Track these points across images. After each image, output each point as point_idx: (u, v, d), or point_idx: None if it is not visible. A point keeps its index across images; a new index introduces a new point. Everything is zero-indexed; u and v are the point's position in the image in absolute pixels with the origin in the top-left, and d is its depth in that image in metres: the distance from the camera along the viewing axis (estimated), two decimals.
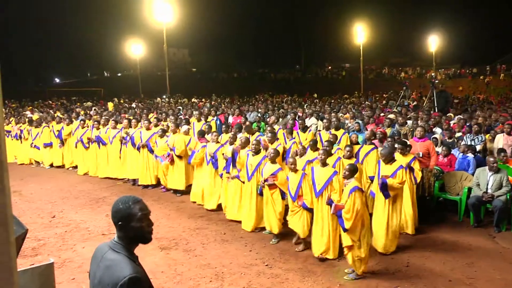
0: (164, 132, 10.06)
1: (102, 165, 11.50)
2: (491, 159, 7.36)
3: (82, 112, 16.86)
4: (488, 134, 9.53)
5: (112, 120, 11.77)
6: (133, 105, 22.21)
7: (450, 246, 6.54)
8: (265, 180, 6.68)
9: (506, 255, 6.13)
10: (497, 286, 5.21)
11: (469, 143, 9.10)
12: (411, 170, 6.73)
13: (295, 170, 6.36)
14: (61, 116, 14.39)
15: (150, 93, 33.24)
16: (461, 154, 8.46)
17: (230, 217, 7.75)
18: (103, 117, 12.60)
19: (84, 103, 24.37)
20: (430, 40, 42.10)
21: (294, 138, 9.09)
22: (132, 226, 2.28)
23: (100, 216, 8.13)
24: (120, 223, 2.28)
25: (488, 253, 6.24)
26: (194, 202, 8.91)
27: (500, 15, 51.50)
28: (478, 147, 8.99)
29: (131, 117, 12.14)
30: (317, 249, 6.02)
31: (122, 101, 26.30)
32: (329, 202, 5.66)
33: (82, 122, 12.37)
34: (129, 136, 10.50)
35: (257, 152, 7.32)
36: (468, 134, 9.56)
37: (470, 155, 8.32)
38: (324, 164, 6.13)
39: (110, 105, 22.11)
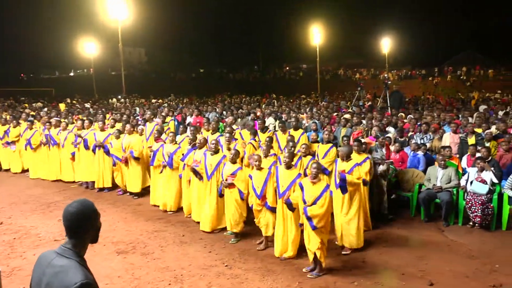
0: (120, 133, 9.80)
1: (53, 168, 11.04)
2: (440, 156, 7.81)
3: (32, 113, 16.08)
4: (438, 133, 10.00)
5: (64, 121, 11.32)
6: (87, 105, 21.48)
7: (403, 241, 6.82)
8: (226, 180, 6.70)
9: (454, 248, 6.46)
10: (447, 277, 5.48)
11: (419, 141, 9.52)
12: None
13: (260, 168, 6.41)
14: (6, 117, 13.62)
15: (105, 93, 32.25)
16: (412, 152, 8.86)
17: (196, 218, 7.66)
18: (54, 118, 12.08)
19: (34, 104, 23.24)
20: (383, 42, 43.51)
21: (255, 139, 9.10)
22: (97, 226, 2.31)
23: (52, 222, 7.80)
24: (90, 227, 2.26)
25: (438, 246, 6.55)
26: (155, 206, 8.74)
27: (446, 20, 54.45)
28: (428, 145, 9.42)
29: (85, 118, 11.73)
30: (278, 249, 6.09)
31: (75, 101, 25.34)
32: (288, 202, 5.76)
33: (30, 123, 11.79)
34: (80, 138, 10.13)
35: (216, 151, 7.30)
36: (419, 133, 9.99)
37: (420, 153, 8.73)
38: (288, 166, 6.15)
39: (62, 106, 21.24)
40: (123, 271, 5.70)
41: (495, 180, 7.21)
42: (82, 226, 2.23)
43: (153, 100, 25.48)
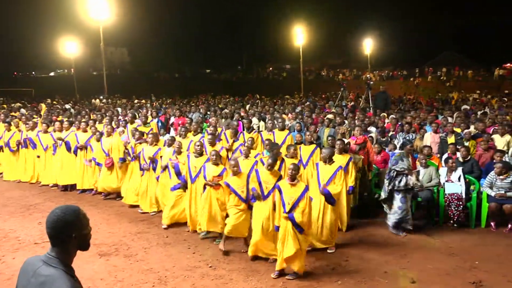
0: (101, 135, 9.68)
1: (30, 170, 10.84)
2: (421, 156, 7.95)
3: (13, 114, 15.74)
4: (419, 133, 10.16)
5: (43, 122, 11.11)
6: (68, 106, 21.13)
7: (385, 240, 6.90)
8: (210, 181, 6.66)
9: (436, 246, 6.58)
10: (428, 274, 5.57)
11: (401, 141, 9.66)
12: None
13: (237, 173, 6.34)
14: None
15: (86, 93, 31.79)
16: (391, 152, 9.00)
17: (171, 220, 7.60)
18: (33, 120, 11.85)
19: (13, 104, 22.74)
20: (365, 43, 44.02)
21: (238, 139, 9.10)
22: (82, 235, 2.22)
23: (32, 224, 7.65)
24: (73, 235, 2.17)
25: (420, 244, 6.65)
26: (133, 206, 8.67)
27: (426, 22, 55.44)
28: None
29: (65, 119, 11.54)
30: (252, 249, 6.05)
31: (55, 102, 24.91)
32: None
33: (7, 125, 11.53)
34: (61, 140, 9.96)
35: (200, 154, 7.24)
36: (401, 133, 10.14)
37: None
38: (271, 168, 6.09)
39: (43, 107, 20.84)
40: (105, 274, 5.63)
41: (461, 178, 7.40)
42: (64, 233, 2.15)
43: (135, 101, 25.22)
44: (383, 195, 7.10)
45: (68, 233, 2.16)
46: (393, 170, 6.97)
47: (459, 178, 7.45)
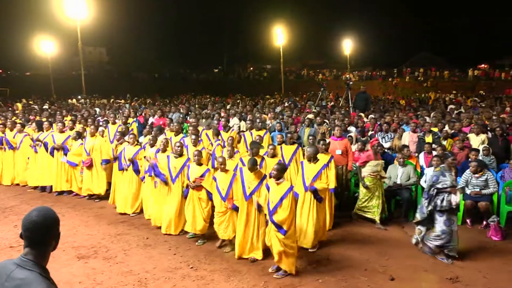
0: (79, 135, 9.51)
1: (8, 172, 10.57)
2: (399, 155, 8.08)
3: None
4: (397, 132, 10.32)
5: (19, 123, 10.85)
6: (45, 106, 20.68)
7: (365, 238, 6.99)
8: (193, 182, 6.63)
9: (413, 243, 6.68)
10: (407, 271, 5.67)
11: (380, 141, 9.79)
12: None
13: (225, 170, 6.37)
14: None
15: (64, 93, 31.19)
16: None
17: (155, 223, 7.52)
18: (9, 120, 11.55)
19: None
20: (344, 43, 44.49)
21: (219, 140, 9.08)
22: (58, 235, 2.23)
23: (7, 227, 7.46)
24: (48, 236, 2.15)
25: (399, 242, 6.76)
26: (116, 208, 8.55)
27: (404, 24, 56.57)
28: (387, 144, 9.72)
29: (44, 119, 11.30)
30: (239, 251, 6.07)
31: (31, 102, 24.35)
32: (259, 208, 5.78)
33: None
34: (38, 141, 9.74)
35: (180, 154, 7.19)
36: (380, 132, 10.28)
37: None
38: (251, 170, 6.06)
39: (19, 106, 20.34)
40: (84, 277, 5.54)
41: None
42: (45, 236, 2.13)
43: (114, 101, 24.88)
44: (419, 216, 6.12)
45: (49, 236, 2.14)
46: (433, 188, 5.96)
47: None
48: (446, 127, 10.04)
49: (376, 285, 5.27)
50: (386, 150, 9.23)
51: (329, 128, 10.32)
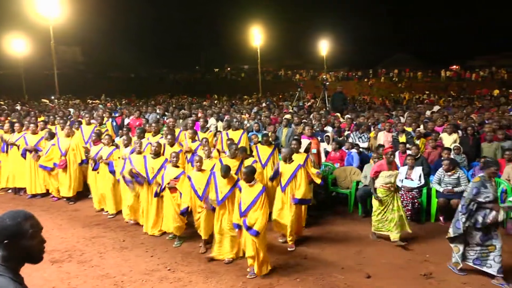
0: (52, 135, 9.29)
1: None
2: (375, 155, 8.20)
3: None
4: (373, 132, 10.50)
5: None
6: (17, 107, 20.11)
7: (342, 237, 7.08)
8: (168, 184, 6.57)
9: (389, 241, 6.80)
10: (383, 269, 5.77)
11: (356, 140, 9.94)
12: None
13: (201, 170, 6.33)
14: None
15: (36, 94, 30.42)
16: (347, 150, 9.25)
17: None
18: None
19: None
20: (321, 44, 44.89)
21: (196, 140, 9.02)
22: (22, 245, 2.06)
23: None
24: (6, 241, 2.02)
25: (375, 240, 6.86)
26: (100, 210, 8.43)
27: (379, 25, 57.67)
28: (365, 144, 9.86)
29: (14, 120, 10.99)
30: (216, 251, 6.04)
31: (1, 102, 23.65)
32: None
33: None
34: (7, 143, 9.46)
35: (157, 155, 7.12)
36: (356, 132, 10.43)
37: (354, 151, 9.13)
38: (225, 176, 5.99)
39: None
40: (58, 281, 5.42)
41: (423, 176, 7.72)
42: (9, 242, 2.03)
43: (89, 101, 24.43)
44: (451, 232, 5.52)
45: (10, 241, 2.04)
46: (474, 202, 5.27)
47: (419, 177, 7.74)
48: (421, 127, 10.26)
49: (352, 283, 5.35)
50: (362, 150, 9.37)
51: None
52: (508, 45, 44.14)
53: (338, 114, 13.87)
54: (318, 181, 6.87)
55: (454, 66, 45.58)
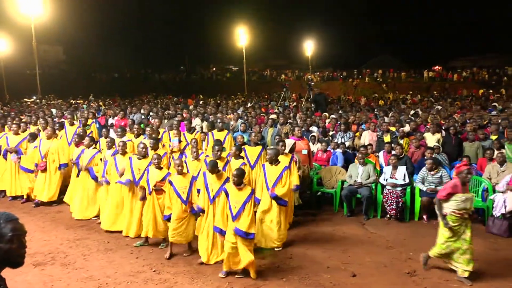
0: (34, 137, 9.13)
1: None
2: (359, 154, 8.30)
3: None
4: (358, 132, 10.60)
5: None
6: None
7: (327, 236, 7.12)
8: (154, 186, 6.50)
9: (374, 240, 6.89)
10: (368, 267, 5.83)
11: (340, 140, 10.02)
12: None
13: (182, 173, 6.26)
14: None
15: (17, 94, 29.87)
16: (332, 150, 9.34)
17: (106, 227, 7.29)
18: None
19: None
20: (306, 45, 45.11)
21: (181, 141, 8.96)
22: (9, 248, 2.03)
23: None
24: None
25: (360, 239, 6.94)
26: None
27: (363, 27, 58.37)
28: (348, 143, 9.95)
29: None
30: (205, 255, 5.96)
31: None
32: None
33: None
34: None
35: (144, 156, 7.03)
36: (340, 132, 10.51)
37: (339, 150, 9.21)
38: (214, 171, 5.96)
39: None
40: (41, 284, 5.33)
41: (407, 176, 7.83)
42: None
43: (72, 101, 24.07)
44: None
45: None
46: None
47: (404, 176, 7.84)
48: (407, 127, 10.38)
49: (338, 282, 5.39)
50: (347, 150, 9.45)
51: (291, 129, 10.42)
52: (491, 47, 45.13)
53: (326, 114, 13.96)
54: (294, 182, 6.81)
55: (437, 67, 46.31)
